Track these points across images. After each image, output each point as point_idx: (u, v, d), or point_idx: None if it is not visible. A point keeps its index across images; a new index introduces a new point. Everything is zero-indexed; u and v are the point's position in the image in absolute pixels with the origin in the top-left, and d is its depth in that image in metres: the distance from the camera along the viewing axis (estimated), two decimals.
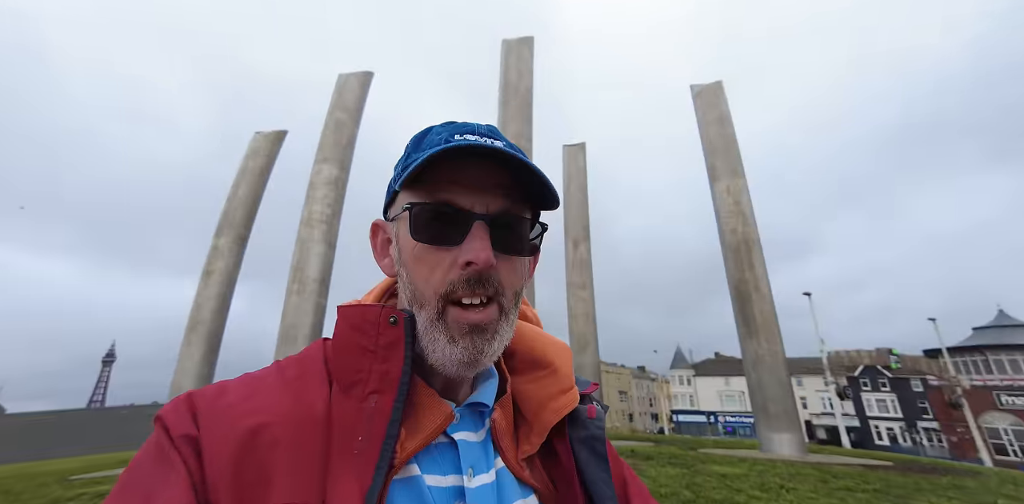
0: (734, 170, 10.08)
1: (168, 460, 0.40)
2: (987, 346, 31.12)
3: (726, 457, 6.84)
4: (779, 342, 8.58)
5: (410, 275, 0.49)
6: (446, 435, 0.49)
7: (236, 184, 11.44)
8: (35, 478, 7.36)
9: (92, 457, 13.74)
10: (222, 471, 0.39)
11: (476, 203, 0.47)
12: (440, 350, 0.46)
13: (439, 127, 0.53)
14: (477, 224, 0.47)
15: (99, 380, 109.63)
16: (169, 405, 0.45)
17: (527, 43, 10.80)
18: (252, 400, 0.45)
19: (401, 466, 0.44)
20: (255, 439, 0.41)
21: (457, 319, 0.46)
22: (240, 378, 0.49)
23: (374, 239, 0.58)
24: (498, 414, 0.53)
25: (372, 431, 0.43)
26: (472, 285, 0.46)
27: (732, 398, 48.44)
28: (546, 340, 0.61)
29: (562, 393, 0.55)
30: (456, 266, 0.46)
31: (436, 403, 0.48)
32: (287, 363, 0.52)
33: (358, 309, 0.50)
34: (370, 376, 0.46)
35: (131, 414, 30.52)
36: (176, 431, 0.41)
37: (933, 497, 4.55)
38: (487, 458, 0.50)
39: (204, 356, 9.68)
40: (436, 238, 0.47)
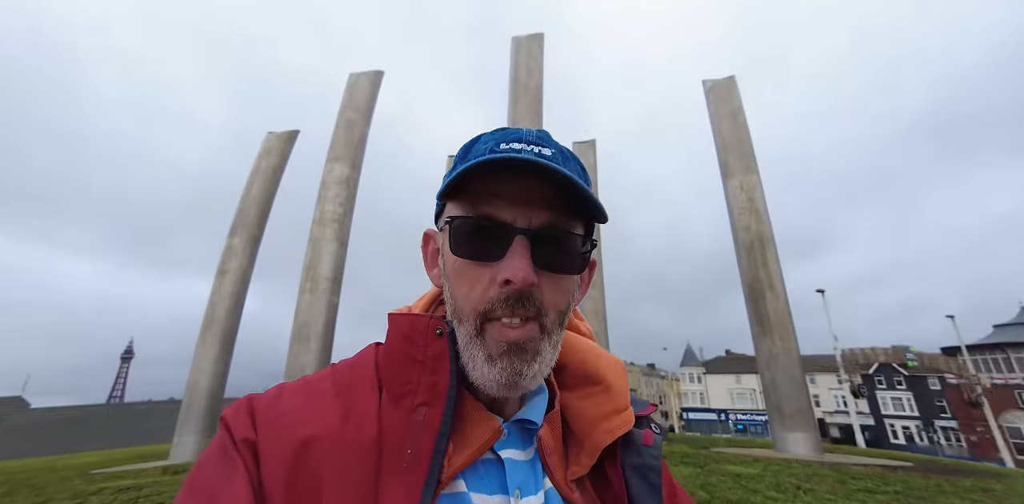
0: (747, 166, 9.94)
1: (231, 461, 0.41)
2: (1009, 343, 30.48)
3: (740, 456, 6.78)
4: (793, 340, 8.47)
5: (451, 289, 0.48)
6: (493, 452, 0.48)
7: (249, 184, 11.57)
8: (58, 472, 7.56)
9: (111, 451, 14.10)
10: (277, 479, 0.40)
11: (519, 217, 0.45)
12: (479, 369, 0.44)
13: (488, 135, 0.51)
14: (518, 239, 0.44)
15: (118, 376, 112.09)
16: (232, 408, 0.46)
17: (537, 40, 10.74)
18: (306, 408, 0.45)
19: (448, 481, 0.43)
20: (308, 450, 0.41)
21: (495, 336, 0.44)
22: (298, 382, 0.50)
23: (425, 248, 0.56)
24: (545, 431, 0.51)
25: (421, 445, 0.42)
26: (511, 304, 0.44)
27: (743, 396, 48.03)
28: (598, 354, 0.58)
29: (616, 413, 0.52)
30: (495, 283, 0.44)
31: (484, 418, 0.47)
32: (341, 368, 0.52)
33: (407, 318, 0.50)
34: (419, 387, 0.46)
35: (149, 410, 31.20)
36: (238, 434, 0.42)
37: (957, 500, 4.46)
38: (535, 478, 0.49)
39: (219, 354, 9.83)
40: (476, 253, 0.45)
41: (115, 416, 29.67)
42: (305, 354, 8.66)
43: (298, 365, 8.57)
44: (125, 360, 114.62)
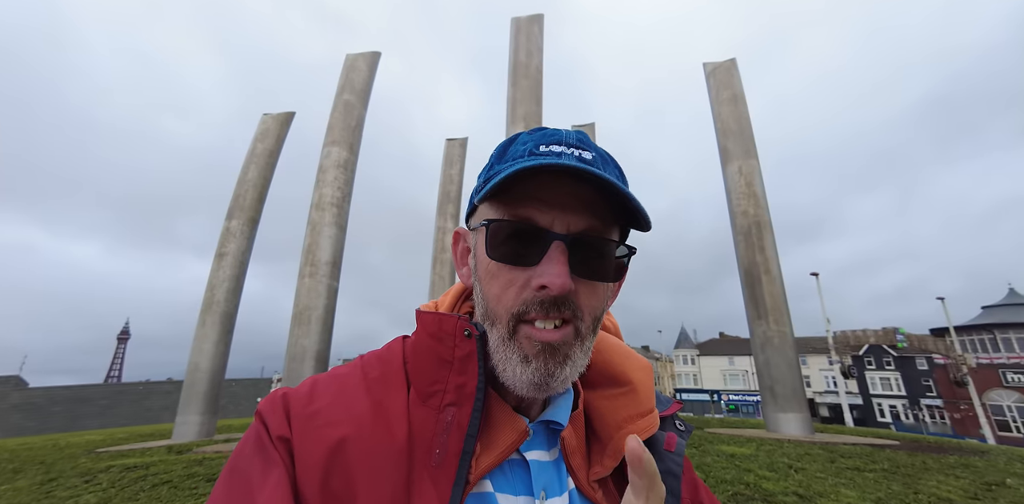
0: (747, 151, 9.87)
1: (269, 455, 0.42)
2: (996, 325, 31.09)
3: (733, 437, 6.98)
4: (788, 324, 8.60)
5: (484, 291, 0.47)
6: (519, 453, 0.48)
7: (246, 166, 11.39)
8: (64, 450, 7.69)
9: (112, 430, 14.31)
10: (312, 477, 0.40)
11: (556, 221, 0.44)
12: (512, 370, 0.44)
13: (526, 135, 0.50)
14: (555, 245, 0.43)
15: (115, 356, 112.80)
16: (267, 402, 0.47)
17: (537, 21, 10.46)
18: (338, 405, 0.46)
19: (476, 482, 0.44)
20: (342, 450, 0.42)
21: (529, 336, 0.44)
22: (329, 376, 0.50)
23: (455, 247, 0.55)
24: (568, 431, 0.50)
25: (449, 445, 0.43)
26: (547, 307, 0.43)
27: (736, 377, 49.01)
28: (625, 353, 0.57)
29: (640, 416, 0.51)
30: (530, 287, 0.44)
31: (510, 419, 0.47)
32: (370, 361, 0.52)
33: (436, 318, 0.49)
34: (447, 388, 0.46)
35: (147, 390, 31.49)
36: (274, 431, 0.43)
37: (941, 476, 4.64)
38: (560, 479, 0.49)
39: (220, 336, 9.87)
40: (512, 257, 0.45)
41: (113, 396, 29.94)
42: (305, 337, 8.72)
43: (299, 348, 8.64)
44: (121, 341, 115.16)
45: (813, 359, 43.34)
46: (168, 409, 28.76)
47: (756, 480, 4.23)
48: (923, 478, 4.54)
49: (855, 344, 41.61)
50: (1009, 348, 30.27)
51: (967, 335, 32.47)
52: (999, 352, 30.48)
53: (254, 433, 0.44)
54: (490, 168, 0.50)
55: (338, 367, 0.53)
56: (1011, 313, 31.56)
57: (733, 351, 50.16)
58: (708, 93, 10.98)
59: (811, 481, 4.29)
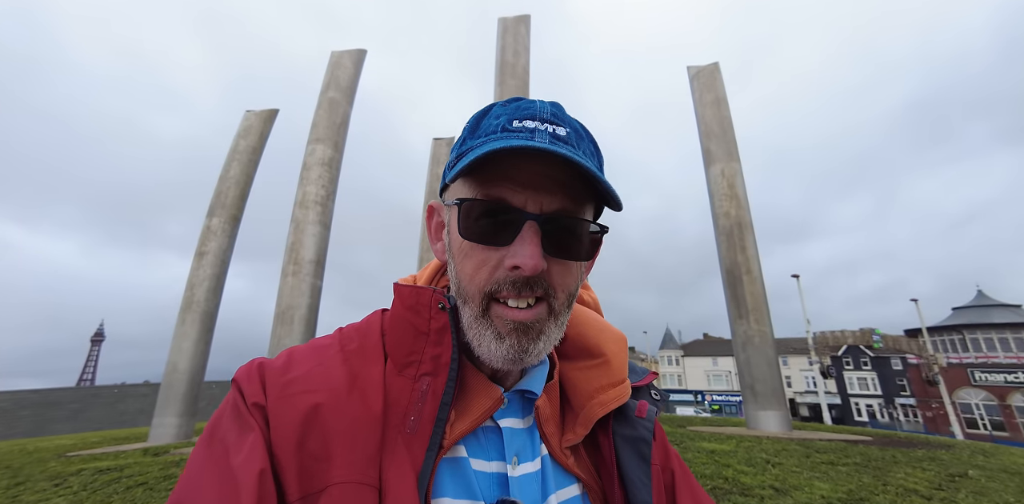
0: (729, 153, 10.06)
1: (245, 421, 0.43)
2: (965, 325, 32.14)
3: (714, 434, 7.09)
4: (768, 323, 8.78)
5: (457, 268, 0.48)
6: (493, 420, 0.50)
7: (228, 163, 11.19)
8: (32, 454, 7.43)
9: (84, 434, 13.86)
10: (287, 442, 0.41)
11: (530, 201, 0.44)
12: (486, 346, 0.46)
13: (499, 107, 0.49)
14: (528, 225, 0.44)
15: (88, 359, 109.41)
16: (243, 370, 0.47)
17: (523, 21, 10.52)
18: (315, 374, 0.46)
19: (449, 447, 0.45)
20: (316, 416, 0.42)
21: (502, 315, 0.45)
22: (307, 347, 0.51)
23: (429, 221, 0.55)
24: (543, 400, 0.52)
25: (424, 412, 0.44)
26: (519, 287, 0.44)
27: (719, 377, 49.71)
28: (600, 326, 0.59)
29: (612, 386, 0.53)
30: (503, 267, 0.44)
31: (485, 387, 0.49)
32: (348, 334, 0.53)
33: (413, 290, 0.51)
34: (423, 358, 0.47)
35: (121, 393, 30.56)
36: (249, 398, 0.44)
37: (908, 469, 4.79)
38: (533, 446, 0.51)
39: (200, 335, 9.67)
40: (484, 237, 0.45)
41: (86, 399, 28.97)
42: (288, 337, 8.60)
43: (281, 348, 8.51)
44: (95, 342, 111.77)
45: (794, 360, 44.21)
46: (144, 412, 27.93)
47: (734, 475, 4.32)
48: (892, 471, 4.69)
49: (834, 345, 42.60)
50: (977, 348, 31.33)
51: (938, 336, 33.51)
52: (968, 352, 31.52)
53: (231, 401, 0.45)
54: (462, 143, 0.49)
55: (317, 339, 0.54)
56: (979, 314, 32.67)
57: (717, 352, 50.88)
58: (692, 96, 11.16)
59: (787, 475, 4.39)
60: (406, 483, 0.41)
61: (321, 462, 0.41)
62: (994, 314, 32.05)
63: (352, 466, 0.41)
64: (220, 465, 0.40)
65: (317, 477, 0.40)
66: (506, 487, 0.46)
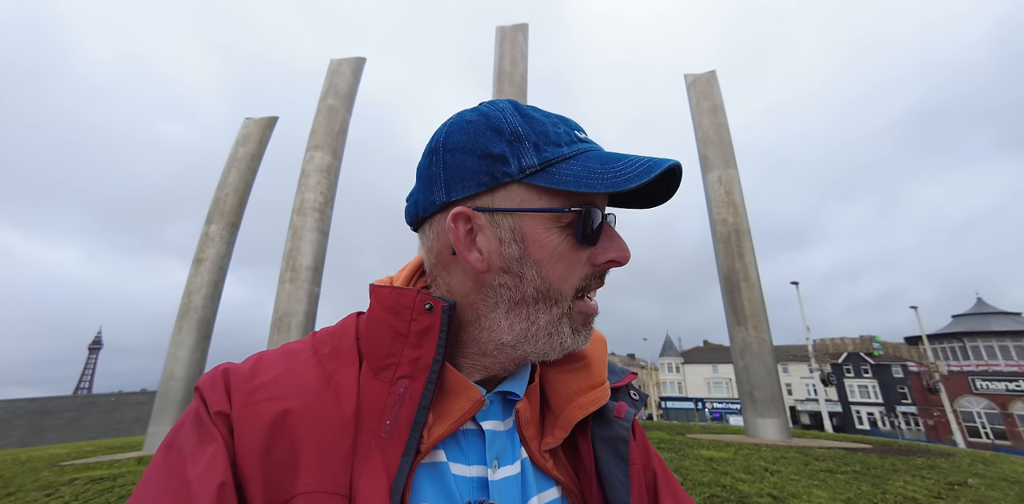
0: (726, 160, 10.12)
1: (206, 430, 0.42)
2: (965, 333, 32.09)
3: (713, 442, 7.04)
4: (767, 330, 8.77)
5: (545, 273, 0.47)
6: (474, 422, 0.49)
7: (226, 171, 11.24)
8: (25, 464, 7.36)
9: (79, 443, 13.73)
10: (252, 452, 0.40)
11: (603, 204, 0.50)
12: (555, 341, 0.48)
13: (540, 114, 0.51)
14: (608, 222, 0.50)
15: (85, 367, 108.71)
16: (207, 378, 0.46)
17: (521, 30, 10.65)
18: (284, 379, 0.45)
19: (427, 451, 0.44)
20: (284, 423, 0.41)
21: (584, 310, 0.49)
22: (278, 352, 0.50)
23: (455, 230, 0.48)
24: (523, 403, 0.52)
25: (400, 416, 0.43)
26: (602, 279, 0.51)
27: (719, 385, 49.47)
28: None
29: (591, 388, 0.53)
30: (588, 263, 0.49)
31: (465, 389, 0.48)
32: (322, 338, 0.52)
33: (392, 291, 0.49)
34: (401, 360, 0.46)
35: (118, 401, 30.32)
36: (212, 406, 0.43)
37: (908, 477, 4.76)
38: (513, 448, 0.50)
39: (196, 343, 9.63)
40: (590, 239, 0.48)
41: (82, 408, 28.72)
42: None
43: None
44: (93, 351, 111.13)
45: (794, 367, 44.05)
46: (140, 421, 27.66)
47: (732, 482, 4.28)
48: (891, 479, 4.65)
49: (834, 352, 42.41)
50: (978, 356, 31.25)
51: (939, 343, 33.44)
52: (968, 360, 31.44)
53: (193, 410, 0.44)
54: (537, 149, 0.47)
55: (289, 343, 0.52)
56: (979, 322, 32.65)
57: (717, 359, 50.69)
58: (688, 103, 11.26)
59: (785, 483, 4.36)
60: (378, 490, 0.39)
61: (287, 471, 0.40)
62: (994, 322, 32.03)
63: (320, 474, 0.40)
64: (176, 476, 0.39)
65: (283, 487, 0.39)
66: (486, 490, 0.46)
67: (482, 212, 0.47)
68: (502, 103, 0.51)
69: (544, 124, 0.49)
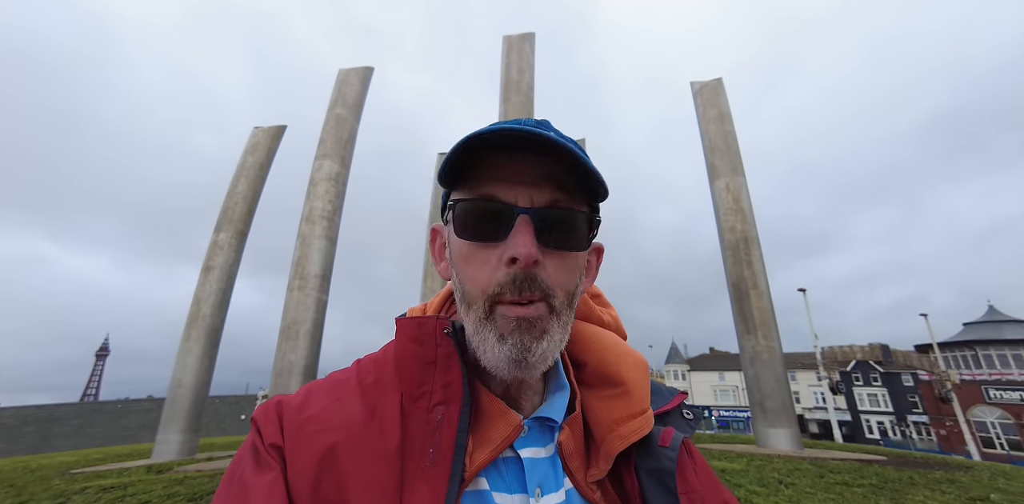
0: (734, 168, 10.12)
1: (264, 460, 0.43)
2: (976, 341, 31.59)
3: (724, 452, 6.95)
4: (776, 338, 8.68)
5: (459, 275, 0.48)
6: (512, 449, 0.48)
7: (236, 179, 11.36)
8: (35, 472, 7.37)
9: (88, 451, 13.75)
10: (304, 483, 0.41)
11: (520, 196, 0.45)
12: (490, 350, 0.44)
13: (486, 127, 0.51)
14: (521, 218, 0.45)
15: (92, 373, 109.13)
16: (261, 409, 0.48)
17: (528, 39, 10.74)
18: (332, 411, 0.46)
19: (471, 479, 0.44)
20: (333, 455, 0.42)
21: (504, 314, 0.44)
22: (326, 382, 0.51)
23: (432, 244, 0.56)
24: (566, 435, 0.50)
25: (442, 443, 0.43)
26: (519, 286, 0.43)
27: (726, 392, 48.92)
28: (620, 351, 0.57)
29: (632, 418, 0.51)
30: (501, 264, 0.44)
31: (504, 414, 0.47)
32: (366, 366, 0.53)
33: (414, 321, 0.50)
34: (434, 388, 0.47)
35: (125, 409, 30.38)
36: (267, 438, 0.45)
37: (927, 491, 4.66)
38: (556, 476, 0.49)
39: (204, 351, 9.66)
40: (479, 234, 0.46)
41: (89, 415, 28.80)
42: (293, 352, 8.58)
43: (286, 363, 8.49)
44: (100, 357, 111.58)
45: (802, 375, 43.50)
46: (147, 428, 27.70)
47: (746, 495, 4.22)
48: (910, 493, 4.56)
49: (843, 360, 41.93)
50: (990, 364, 30.74)
51: (950, 351, 32.94)
52: (981, 368, 30.93)
53: (250, 441, 0.45)
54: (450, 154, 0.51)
55: (336, 372, 0.54)
56: (991, 330, 32.15)
57: (723, 366, 50.18)
58: (695, 111, 11.28)
59: (801, 496, 4.28)
60: None
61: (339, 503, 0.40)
62: (1006, 330, 31.52)
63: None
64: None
65: None
66: None
67: (445, 225, 0.52)
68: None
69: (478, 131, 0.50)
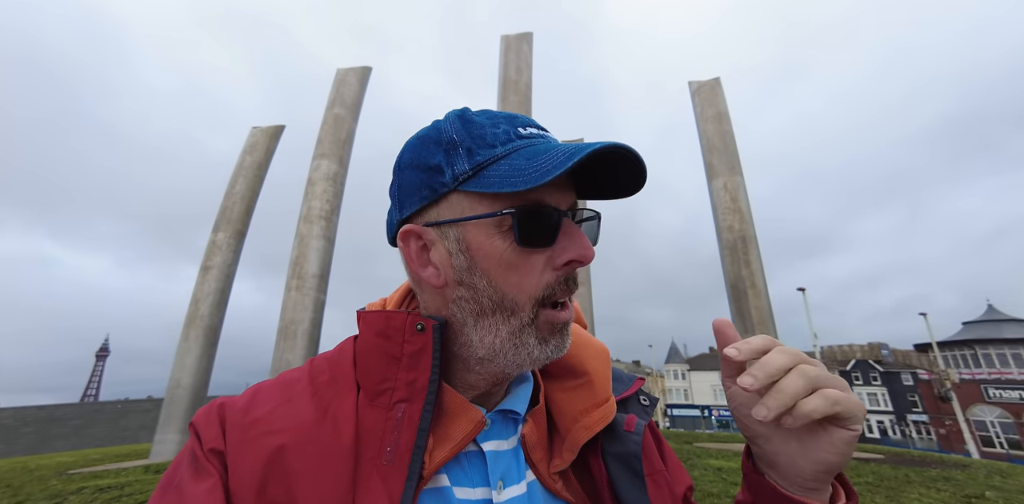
0: (732, 167, 10.12)
1: (203, 467, 0.41)
2: (976, 340, 31.62)
3: (722, 451, 6.95)
4: (775, 338, 8.68)
5: (496, 282, 0.44)
6: (475, 443, 0.48)
7: (233, 179, 11.37)
8: (33, 472, 7.36)
9: (86, 451, 13.75)
10: (247, 488, 0.40)
11: (560, 200, 0.45)
12: (524, 352, 0.45)
13: (482, 117, 0.47)
14: (566, 220, 0.45)
15: (92, 374, 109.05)
16: (202, 413, 0.46)
17: (526, 39, 10.75)
18: (280, 412, 0.45)
19: (430, 477, 0.43)
20: (280, 458, 0.41)
21: (550, 320, 0.45)
22: (275, 382, 0.49)
23: (406, 248, 0.48)
24: (529, 428, 0.51)
25: (400, 441, 0.42)
26: (569, 285, 0.46)
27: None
28: (582, 342, 0.56)
29: (596, 407, 0.51)
30: (549, 267, 0.44)
31: (465, 410, 0.47)
32: (319, 365, 0.51)
33: (382, 315, 0.48)
34: (397, 384, 0.45)
35: (124, 409, 30.41)
36: (207, 444, 0.42)
37: (923, 489, 4.67)
38: (518, 468, 0.49)
39: (203, 351, 9.67)
40: (539, 241, 0.44)
41: (88, 415, 28.85)
42: (291, 352, 8.58)
43: (284, 363, 8.49)
44: (100, 358, 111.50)
45: None
46: (146, 428, 27.72)
47: None
48: (905, 491, 4.57)
49: (842, 359, 41.97)
50: (990, 363, 30.76)
51: (949, 351, 32.96)
52: (980, 367, 30.94)
53: (188, 448, 0.43)
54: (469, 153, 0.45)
55: (287, 372, 0.52)
56: (990, 329, 32.18)
57: None
58: (693, 111, 11.28)
59: None
60: None
61: None
62: (1005, 329, 31.56)
63: None
64: None
65: None
66: None
67: (430, 226, 0.47)
68: (452, 112, 0.49)
69: (484, 126, 0.46)
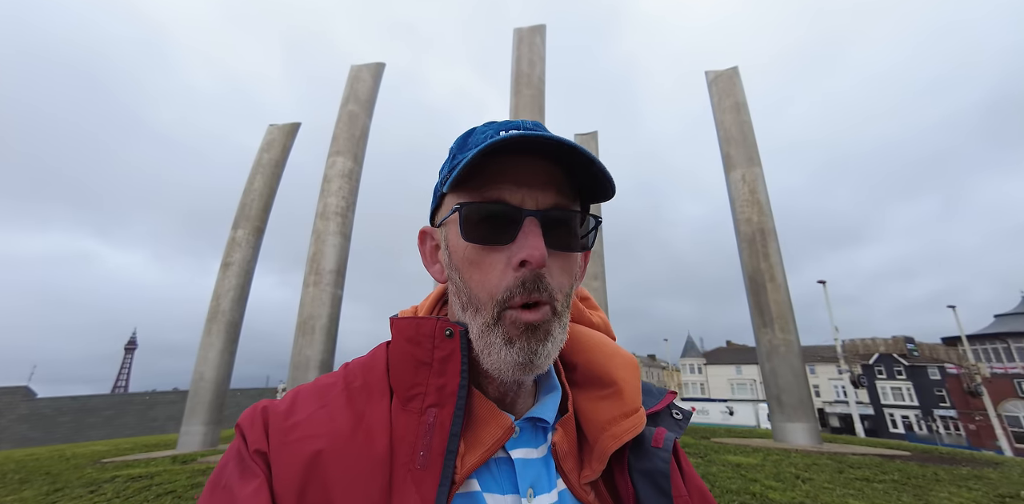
0: (750, 158, 9.89)
1: (248, 468, 0.43)
2: (1009, 333, 30.57)
3: (740, 446, 6.87)
4: (794, 332, 8.52)
5: (463, 279, 0.47)
6: (504, 451, 0.48)
7: (252, 176, 11.56)
8: (70, 460, 7.68)
9: (117, 440, 14.31)
10: (289, 490, 0.41)
11: (526, 199, 0.46)
12: (496, 354, 0.45)
13: (482, 126, 0.52)
14: (528, 220, 0.45)
15: (122, 366, 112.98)
16: (246, 415, 0.48)
17: (539, 31, 10.62)
18: (318, 417, 0.46)
19: (462, 482, 0.44)
20: (319, 462, 0.42)
21: (513, 320, 0.44)
22: (312, 387, 0.51)
23: (422, 246, 0.56)
24: (559, 436, 0.50)
25: (432, 446, 0.43)
26: (528, 290, 0.44)
27: (743, 386, 48.36)
28: (610, 352, 0.56)
29: (624, 417, 0.51)
30: (510, 267, 0.44)
31: (495, 416, 0.47)
32: (354, 370, 0.52)
33: (412, 322, 0.50)
34: (427, 389, 0.46)
35: (152, 400, 31.57)
36: (252, 445, 0.44)
37: (953, 488, 4.54)
38: (549, 477, 0.49)
39: (225, 345, 9.92)
40: (487, 237, 0.45)
41: (119, 406, 30.07)
42: (310, 346, 8.74)
43: (303, 358, 8.66)
44: (128, 351, 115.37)
45: (822, 368, 42.75)
46: (173, 419, 28.79)
47: (762, 490, 4.17)
48: (934, 490, 4.45)
49: (864, 353, 41.03)
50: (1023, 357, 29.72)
51: (980, 344, 31.96)
52: (1013, 361, 29.93)
53: (235, 447, 0.45)
54: (452, 158, 0.51)
55: (323, 376, 0.53)
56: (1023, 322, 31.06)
57: (740, 360, 49.57)
58: (710, 101, 11.04)
59: (818, 492, 4.21)
60: None
61: None
62: None
63: None
64: None
65: None
66: None
67: (436, 227, 0.53)
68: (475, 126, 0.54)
69: (477, 133, 0.50)
